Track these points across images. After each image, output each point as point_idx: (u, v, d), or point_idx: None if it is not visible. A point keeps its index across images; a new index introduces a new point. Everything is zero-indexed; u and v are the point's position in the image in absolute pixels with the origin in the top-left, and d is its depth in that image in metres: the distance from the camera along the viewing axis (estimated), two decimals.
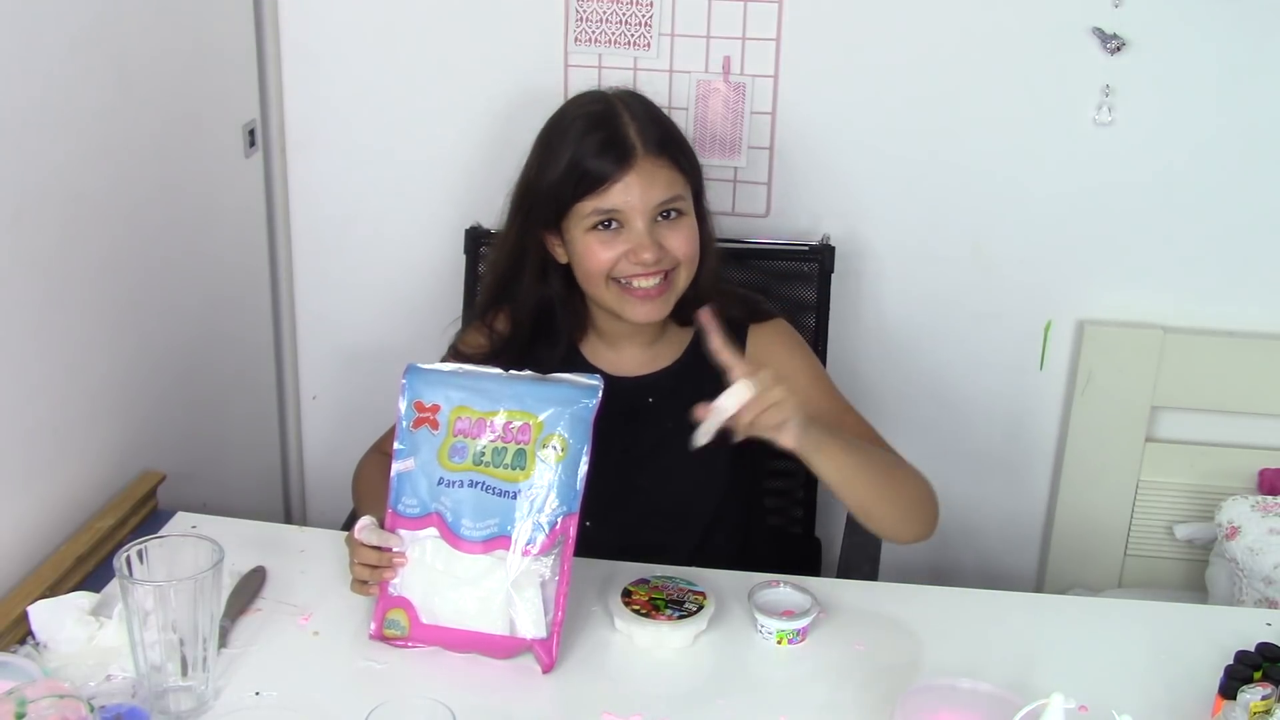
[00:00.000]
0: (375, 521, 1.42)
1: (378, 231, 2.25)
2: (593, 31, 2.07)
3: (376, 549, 1.41)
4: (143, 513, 1.69)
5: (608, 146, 1.52)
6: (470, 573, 1.38)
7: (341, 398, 2.36)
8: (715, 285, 1.64)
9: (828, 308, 2.00)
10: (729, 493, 1.69)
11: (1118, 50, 1.98)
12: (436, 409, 1.41)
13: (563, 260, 1.59)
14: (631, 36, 2.07)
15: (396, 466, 1.42)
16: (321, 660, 1.41)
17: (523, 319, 1.64)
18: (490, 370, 1.45)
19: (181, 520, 1.67)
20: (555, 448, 1.37)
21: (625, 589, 1.47)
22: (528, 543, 1.36)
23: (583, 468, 1.37)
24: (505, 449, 1.39)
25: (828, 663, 1.43)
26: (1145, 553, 2.22)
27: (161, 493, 1.73)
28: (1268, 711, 1.23)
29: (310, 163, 2.22)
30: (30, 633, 1.40)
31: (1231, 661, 1.32)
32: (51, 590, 1.47)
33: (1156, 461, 2.17)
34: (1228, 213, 2.06)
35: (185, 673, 1.29)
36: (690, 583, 1.49)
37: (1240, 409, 2.14)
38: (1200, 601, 2.07)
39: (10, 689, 1.18)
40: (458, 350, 1.68)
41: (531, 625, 1.37)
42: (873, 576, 1.78)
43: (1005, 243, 2.12)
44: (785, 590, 1.49)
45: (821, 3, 2.02)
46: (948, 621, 1.51)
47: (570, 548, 1.37)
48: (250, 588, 1.50)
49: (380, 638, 1.42)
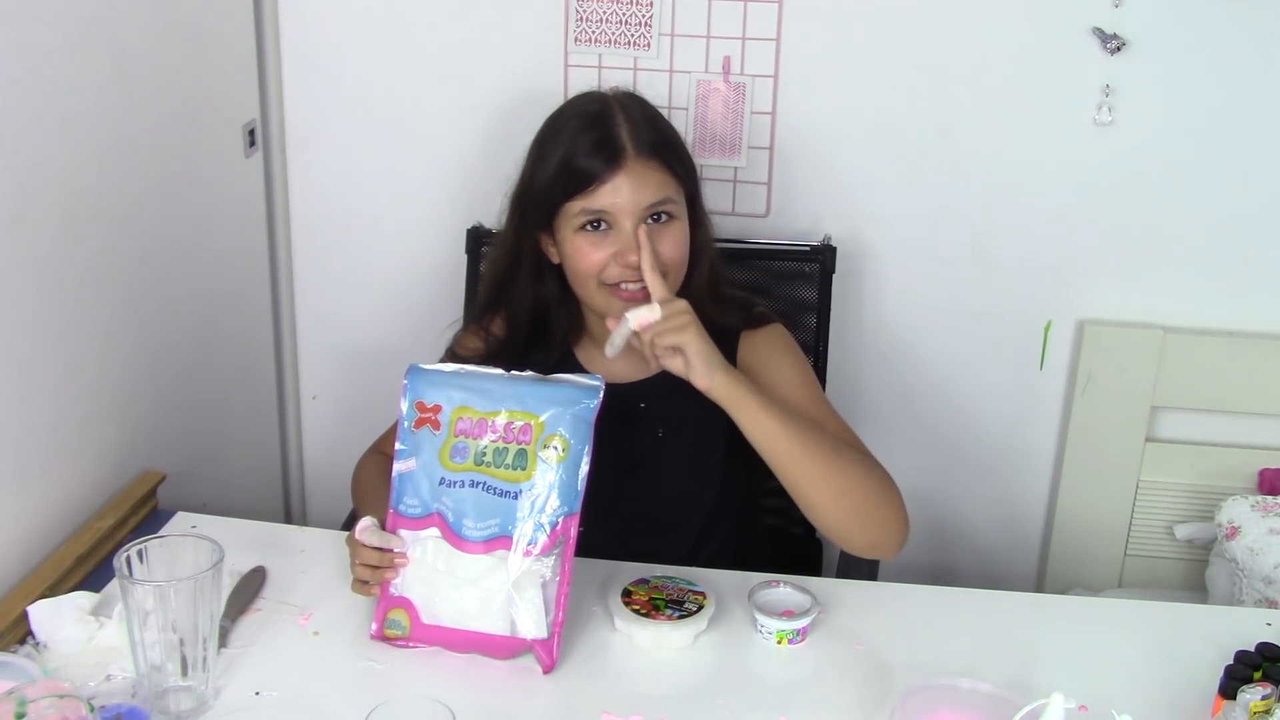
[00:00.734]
0: (376, 522, 1.42)
1: (378, 231, 2.25)
2: (593, 31, 2.07)
3: (377, 549, 1.41)
4: (143, 513, 1.69)
5: (599, 146, 1.51)
6: (471, 573, 1.38)
7: (341, 397, 2.36)
8: (713, 289, 1.63)
9: (829, 308, 2.00)
10: (722, 499, 1.68)
11: (1118, 50, 1.98)
12: (438, 409, 1.41)
13: (556, 261, 1.59)
14: (631, 36, 2.07)
15: (398, 467, 1.42)
16: (321, 660, 1.41)
17: (519, 321, 1.64)
18: (492, 371, 1.45)
19: (181, 520, 1.67)
20: (556, 448, 1.37)
21: (625, 589, 1.47)
22: (529, 543, 1.36)
23: (584, 468, 1.37)
24: (506, 449, 1.39)
25: (828, 663, 1.43)
26: (1145, 553, 2.22)
27: (161, 493, 1.73)
28: (1268, 711, 1.23)
29: (310, 163, 2.22)
30: (30, 633, 1.40)
31: (1231, 661, 1.32)
32: (51, 590, 1.47)
33: (1156, 461, 2.17)
34: (1228, 213, 2.06)
35: (185, 673, 1.29)
36: (690, 583, 1.49)
37: (1240, 409, 2.14)
38: (1200, 601, 2.07)
39: (10, 689, 1.18)
40: (454, 354, 1.67)
41: (532, 625, 1.37)
42: (873, 576, 1.78)
43: (1005, 243, 2.12)
44: (785, 590, 1.49)
45: (821, 3, 2.02)
46: (948, 621, 1.51)
47: (571, 548, 1.37)
48: (250, 588, 1.50)
49: (381, 638, 1.42)
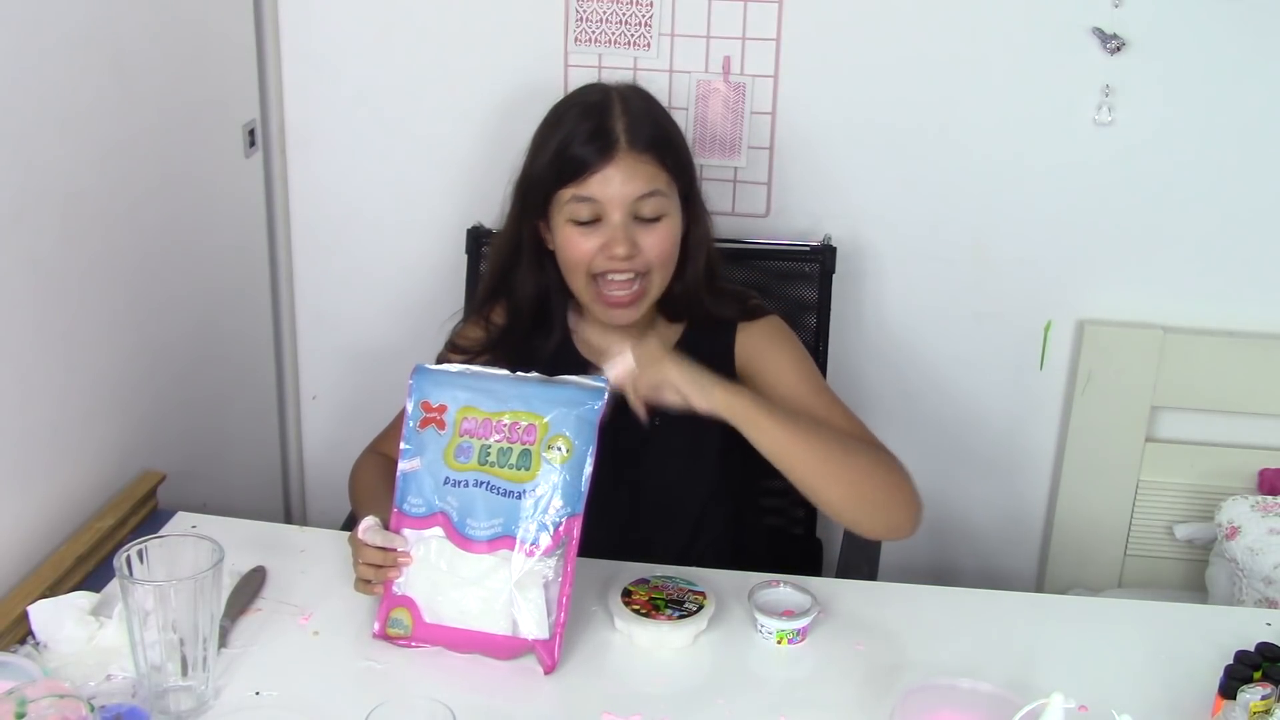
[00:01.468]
0: (379, 521, 1.42)
1: (378, 231, 2.25)
2: (593, 31, 2.07)
3: (381, 549, 1.41)
4: (143, 513, 1.69)
5: (593, 136, 1.52)
6: (474, 572, 1.38)
7: (341, 397, 2.36)
8: (711, 284, 1.64)
9: (829, 308, 2.00)
10: (718, 487, 1.69)
11: (1118, 50, 1.98)
12: (443, 409, 1.41)
13: (552, 248, 1.60)
14: (631, 36, 2.07)
15: (403, 466, 1.42)
16: (321, 660, 1.41)
17: (520, 309, 1.65)
18: (497, 371, 1.45)
19: (181, 520, 1.67)
20: (560, 449, 1.37)
21: (625, 589, 1.48)
22: (532, 543, 1.36)
23: (587, 469, 1.37)
24: (510, 449, 1.39)
25: (828, 663, 1.43)
26: (1145, 553, 2.22)
27: (161, 493, 1.73)
28: (1267, 711, 1.23)
29: (310, 163, 2.22)
30: (30, 633, 1.40)
31: (1231, 661, 1.32)
32: (51, 590, 1.47)
33: (1156, 461, 2.17)
34: (1228, 213, 2.06)
35: (185, 673, 1.29)
36: (690, 582, 1.50)
37: (1240, 409, 2.14)
38: (1200, 601, 2.07)
39: (10, 689, 1.18)
40: (455, 345, 1.68)
41: (534, 626, 1.37)
42: (873, 576, 1.78)
43: (1005, 243, 2.12)
44: (785, 590, 1.49)
45: (821, 3, 2.02)
46: (948, 621, 1.51)
47: (574, 549, 1.37)
48: (250, 588, 1.50)
49: (384, 637, 1.42)
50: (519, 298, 1.64)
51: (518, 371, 1.44)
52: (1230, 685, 1.28)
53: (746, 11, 2.04)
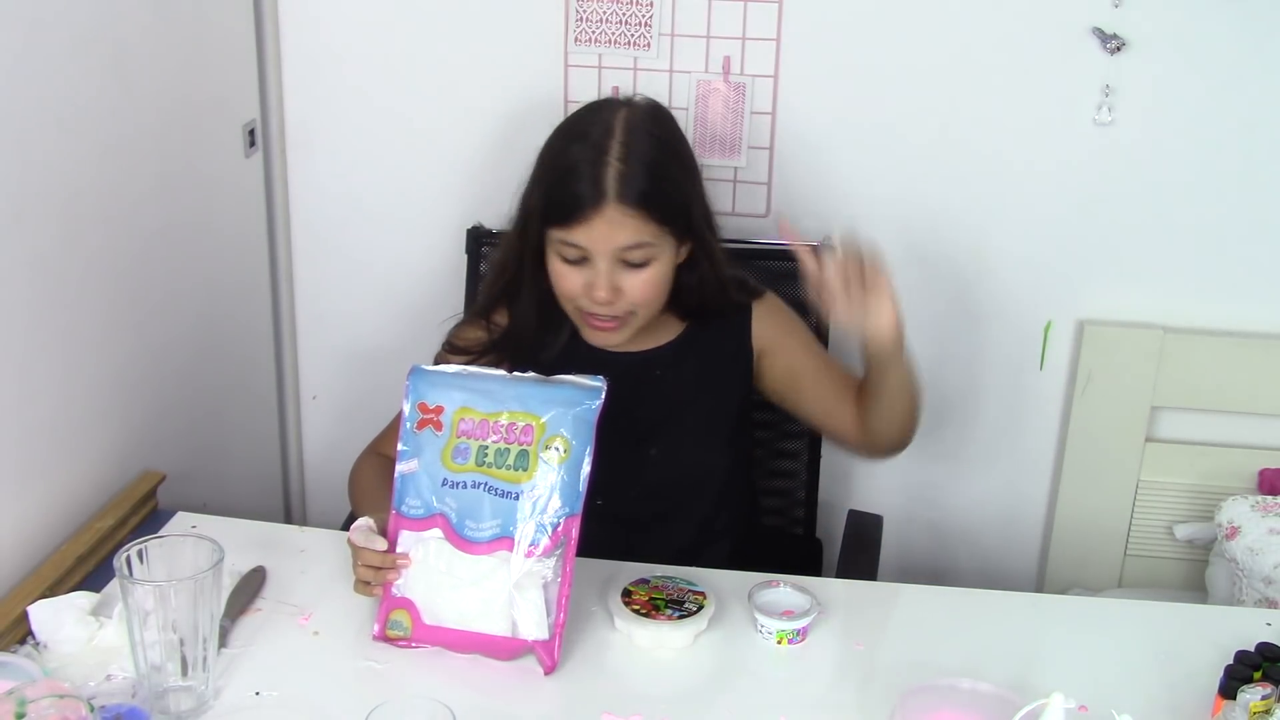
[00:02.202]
0: (371, 523, 1.42)
1: (378, 231, 2.25)
2: (593, 31, 2.07)
3: (380, 551, 1.41)
4: (143, 513, 1.69)
5: (583, 184, 1.51)
6: (473, 573, 1.38)
7: (341, 397, 2.36)
8: (721, 289, 1.67)
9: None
10: (735, 465, 1.75)
11: (1118, 50, 1.98)
12: (440, 410, 1.41)
13: None
14: (631, 36, 2.06)
15: (400, 468, 1.42)
16: (321, 660, 1.41)
17: (526, 310, 1.65)
18: (494, 372, 1.45)
19: (181, 520, 1.67)
20: (557, 449, 1.37)
21: (625, 589, 1.48)
22: (530, 544, 1.36)
23: (585, 469, 1.37)
24: (508, 450, 1.39)
25: (828, 662, 1.43)
26: (1145, 553, 2.22)
27: (161, 493, 1.73)
28: (1268, 711, 1.23)
29: (310, 163, 2.22)
30: (30, 633, 1.40)
31: (1231, 661, 1.32)
32: (51, 590, 1.47)
33: (1156, 461, 2.17)
34: (1228, 213, 2.06)
35: (185, 673, 1.29)
36: (690, 582, 1.50)
37: (1240, 409, 2.14)
38: (1200, 601, 2.07)
39: (10, 689, 1.18)
40: (453, 345, 1.68)
41: (534, 626, 1.37)
42: (873, 576, 1.78)
43: (1005, 243, 2.12)
44: (785, 590, 1.49)
45: (821, 3, 2.02)
46: (948, 621, 1.51)
47: (573, 549, 1.37)
48: (250, 588, 1.50)
49: (383, 638, 1.42)
50: (524, 304, 1.65)
51: (522, 370, 1.45)
52: (1230, 685, 1.28)
53: (746, 11, 2.04)
